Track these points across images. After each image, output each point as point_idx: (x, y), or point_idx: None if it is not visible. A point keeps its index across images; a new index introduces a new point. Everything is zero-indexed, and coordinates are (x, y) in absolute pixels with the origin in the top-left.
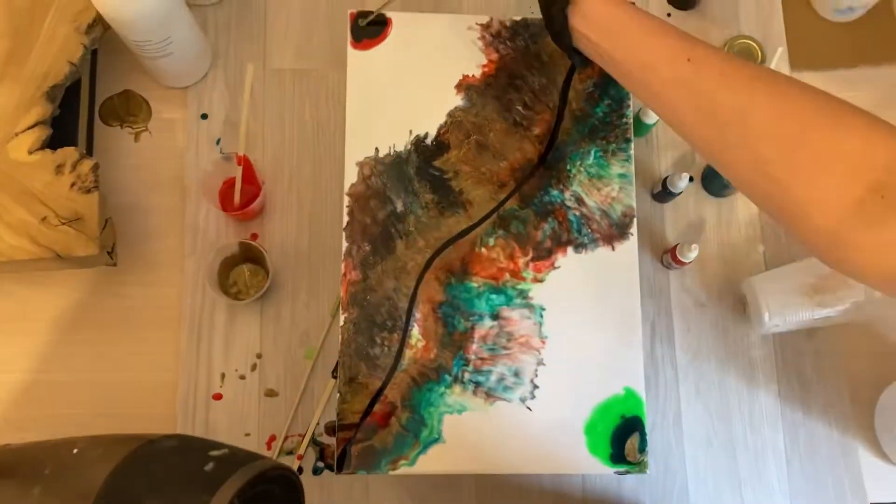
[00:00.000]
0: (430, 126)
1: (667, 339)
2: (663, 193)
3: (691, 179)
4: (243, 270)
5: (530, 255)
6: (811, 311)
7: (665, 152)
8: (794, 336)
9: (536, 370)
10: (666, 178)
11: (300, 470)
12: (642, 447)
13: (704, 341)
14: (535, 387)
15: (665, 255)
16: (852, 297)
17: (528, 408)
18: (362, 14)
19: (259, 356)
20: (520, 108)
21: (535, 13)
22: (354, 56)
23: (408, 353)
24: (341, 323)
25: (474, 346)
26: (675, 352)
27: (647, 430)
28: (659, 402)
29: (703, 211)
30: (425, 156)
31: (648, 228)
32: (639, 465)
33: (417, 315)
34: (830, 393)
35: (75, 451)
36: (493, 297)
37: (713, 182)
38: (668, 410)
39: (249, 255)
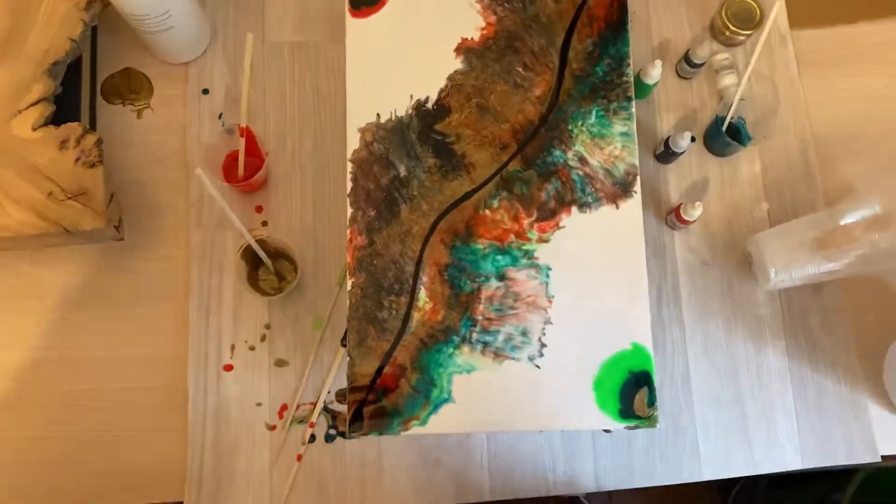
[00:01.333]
0: (430, 90)
1: (673, 299)
2: (666, 154)
3: (693, 139)
4: (269, 267)
5: (534, 215)
6: (817, 265)
7: (666, 113)
8: (801, 292)
9: (544, 329)
10: (668, 138)
11: (312, 438)
12: (651, 401)
13: (710, 300)
14: (543, 345)
15: (669, 216)
16: (856, 250)
17: (537, 366)
18: None
19: (268, 327)
20: (520, 69)
21: None
22: (353, 24)
23: (416, 316)
24: (349, 288)
25: (481, 307)
26: (681, 311)
27: (656, 385)
28: (667, 361)
29: (706, 170)
30: (427, 120)
31: (652, 189)
32: (648, 420)
33: (424, 278)
34: (838, 348)
35: None
36: (499, 258)
37: (715, 141)
38: (677, 370)
39: (270, 249)
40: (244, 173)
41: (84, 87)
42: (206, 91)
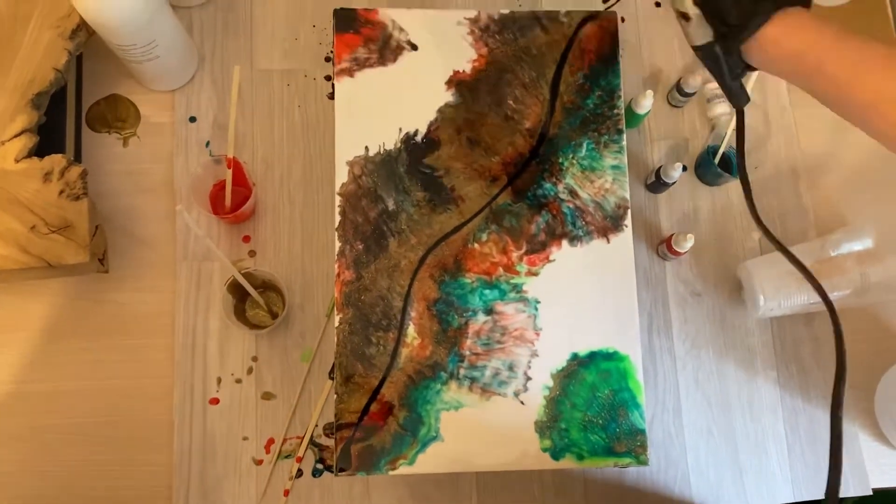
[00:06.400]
0: (420, 123)
1: (664, 329)
2: (657, 184)
3: (685, 169)
4: (256, 300)
5: (524, 248)
6: (806, 294)
7: (657, 143)
8: (793, 322)
9: (530, 362)
10: (659, 169)
11: (300, 473)
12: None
13: (702, 331)
14: (529, 378)
15: (660, 246)
16: (847, 284)
17: (521, 402)
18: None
19: (255, 359)
20: (510, 102)
21: (523, 6)
22: None
23: (404, 352)
24: (336, 323)
25: (468, 342)
26: (672, 342)
27: (647, 420)
28: (658, 393)
29: (698, 200)
30: (416, 153)
31: (643, 219)
32: (639, 458)
33: (412, 313)
34: (829, 379)
35: None
36: (487, 292)
37: (707, 171)
38: (668, 401)
39: (257, 281)
40: (231, 204)
41: (69, 116)
42: (193, 119)
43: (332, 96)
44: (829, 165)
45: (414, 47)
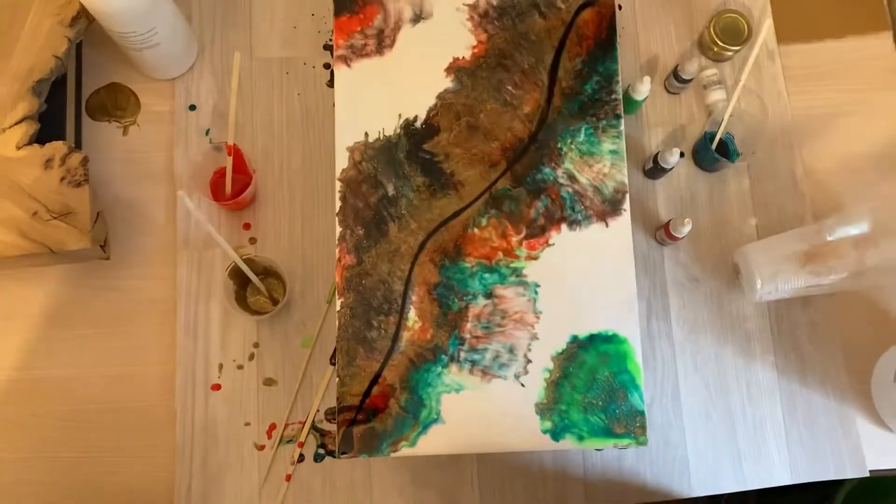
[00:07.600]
0: (419, 109)
1: (662, 314)
2: (655, 170)
3: (682, 155)
4: (257, 286)
5: (523, 233)
6: (803, 278)
7: (655, 129)
8: (790, 306)
9: (530, 345)
10: (657, 154)
11: (301, 458)
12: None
13: (700, 316)
14: (529, 361)
15: (658, 231)
16: (844, 268)
17: (522, 384)
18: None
19: (256, 345)
20: (510, 87)
21: None
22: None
23: (404, 335)
24: (338, 308)
25: (469, 325)
26: (671, 327)
27: (646, 404)
28: (657, 377)
29: (695, 186)
30: (415, 139)
31: (641, 205)
32: (638, 438)
33: (413, 297)
34: (827, 362)
35: None
36: (487, 276)
37: (704, 157)
38: (667, 385)
39: (258, 268)
40: (231, 191)
41: (69, 104)
42: (193, 107)
43: (331, 84)
44: (826, 150)
45: (415, 20)
